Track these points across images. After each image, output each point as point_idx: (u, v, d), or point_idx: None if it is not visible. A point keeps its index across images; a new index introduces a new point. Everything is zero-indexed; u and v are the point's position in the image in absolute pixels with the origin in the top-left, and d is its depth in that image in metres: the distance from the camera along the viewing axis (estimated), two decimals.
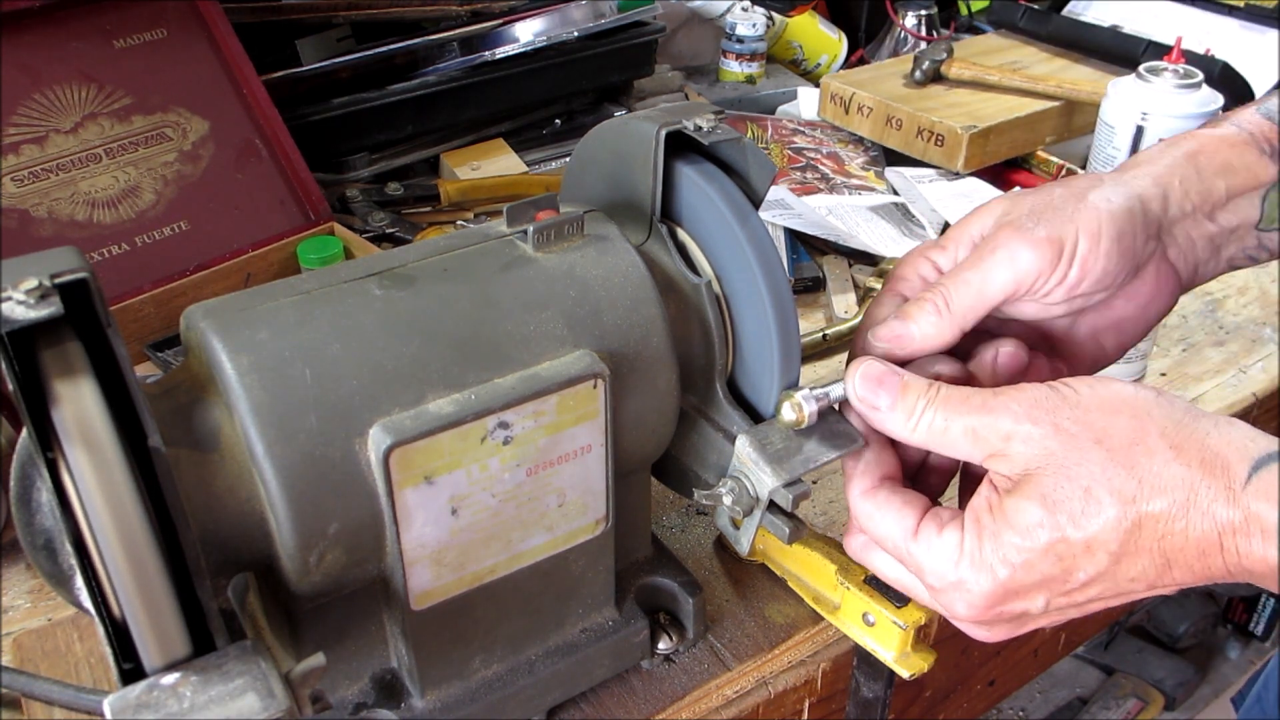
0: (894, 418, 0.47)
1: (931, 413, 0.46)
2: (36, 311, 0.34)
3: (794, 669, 0.60)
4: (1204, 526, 0.41)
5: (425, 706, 0.50)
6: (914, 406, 0.47)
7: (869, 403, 0.48)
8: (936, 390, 0.47)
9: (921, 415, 0.47)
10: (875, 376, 0.48)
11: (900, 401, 0.47)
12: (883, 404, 0.48)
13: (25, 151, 0.82)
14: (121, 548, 0.35)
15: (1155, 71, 0.74)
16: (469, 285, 0.48)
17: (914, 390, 0.47)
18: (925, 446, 0.47)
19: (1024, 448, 0.44)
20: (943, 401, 0.46)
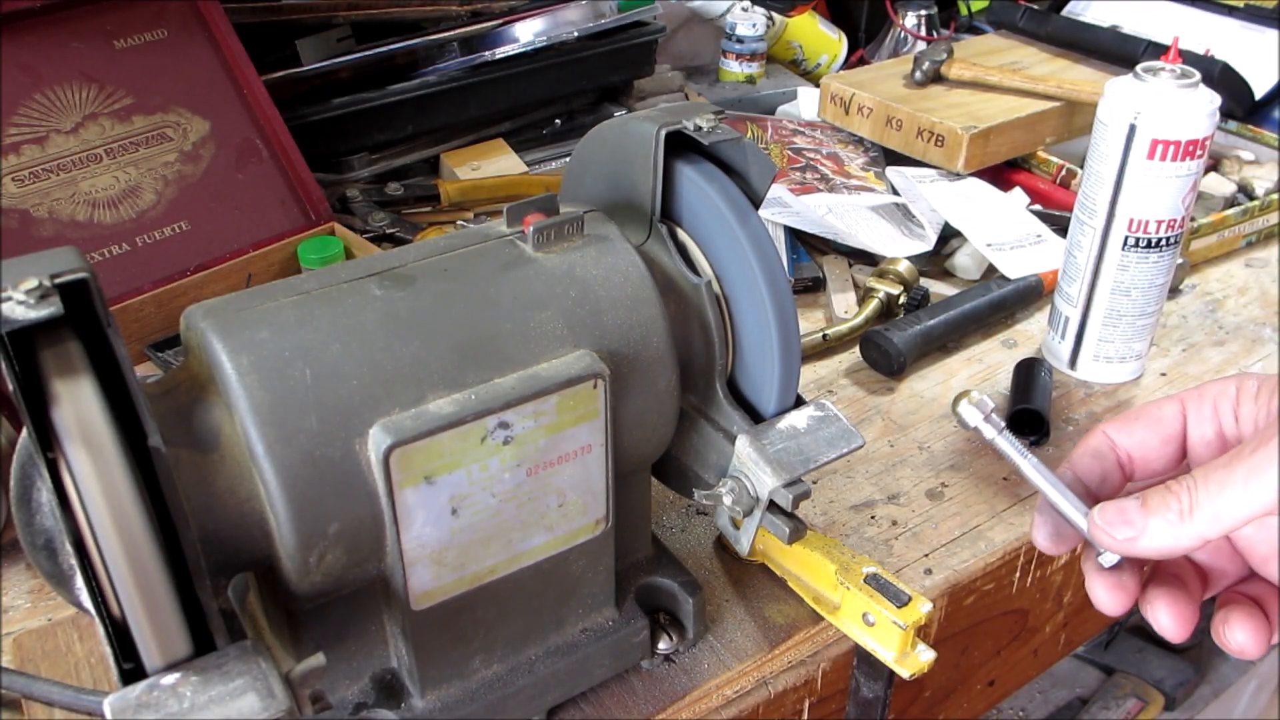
0: (1158, 524, 0.41)
1: (1197, 493, 0.40)
2: (36, 311, 0.34)
3: (794, 669, 0.60)
4: None
5: (425, 706, 0.50)
6: (1170, 503, 0.41)
7: (1119, 528, 0.42)
8: (1184, 478, 0.41)
9: (1188, 502, 0.40)
10: (1113, 507, 0.43)
11: (1155, 507, 0.41)
12: (1136, 519, 0.42)
13: (26, 151, 0.82)
14: (121, 548, 0.35)
15: (1152, 71, 0.75)
16: (469, 285, 0.48)
17: (1158, 494, 0.41)
18: (1207, 535, 0.40)
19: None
20: (1203, 475, 0.40)
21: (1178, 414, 0.46)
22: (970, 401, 0.46)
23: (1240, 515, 0.40)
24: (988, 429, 0.46)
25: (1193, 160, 0.74)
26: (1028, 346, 0.89)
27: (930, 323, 0.85)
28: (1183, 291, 0.97)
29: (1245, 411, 0.44)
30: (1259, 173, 1.09)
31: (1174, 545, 0.41)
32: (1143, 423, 0.46)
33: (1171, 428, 0.46)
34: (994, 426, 0.46)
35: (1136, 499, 0.42)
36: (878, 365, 0.84)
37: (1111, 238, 0.78)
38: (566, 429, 0.47)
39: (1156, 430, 0.46)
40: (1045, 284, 0.93)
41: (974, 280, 0.97)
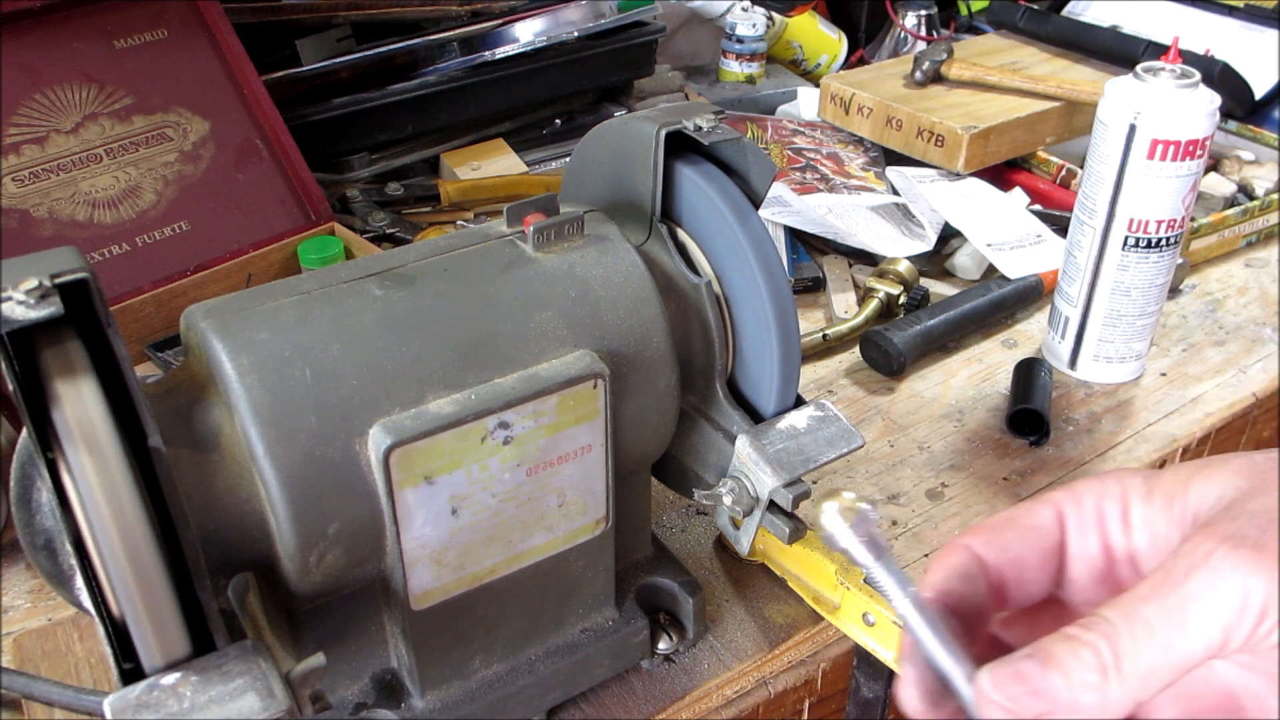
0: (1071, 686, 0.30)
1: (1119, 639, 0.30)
2: (37, 311, 0.34)
3: (794, 669, 0.60)
4: None
5: (425, 706, 0.50)
6: (1084, 656, 0.30)
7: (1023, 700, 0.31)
8: (1093, 619, 0.31)
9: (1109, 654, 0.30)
10: (1007, 672, 0.31)
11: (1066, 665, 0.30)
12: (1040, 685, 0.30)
13: (26, 151, 0.82)
14: (121, 548, 0.35)
15: (1152, 71, 0.75)
16: (469, 285, 0.48)
17: (1064, 645, 0.31)
18: (1141, 696, 0.30)
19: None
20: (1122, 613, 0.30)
21: (1055, 521, 0.35)
22: (842, 509, 0.34)
23: (1181, 666, 0.30)
24: (861, 553, 0.34)
25: (1193, 160, 0.74)
26: (1028, 346, 0.89)
27: (930, 323, 0.85)
28: (1183, 291, 0.97)
29: (1138, 516, 0.34)
30: (1259, 173, 1.09)
31: (1100, 710, 0.30)
32: (1017, 534, 0.35)
33: (1050, 539, 0.35)
34: (872, 550, 0.34)
35: (1031, 656, 0.31)
36: (878, 365, 0.84)
37: (1111, 238, 0.78)
38: (566, 429, 0.47)
39: (1033, 543, 0.35)
40: (1045, 284, 0.93)
41: (974, 280, 0.97)
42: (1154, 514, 0.33)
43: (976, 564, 0.35)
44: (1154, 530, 0.33)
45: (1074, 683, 0.30)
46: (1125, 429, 0.79)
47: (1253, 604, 0.29)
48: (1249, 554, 0.29)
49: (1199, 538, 0.30)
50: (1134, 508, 0.34)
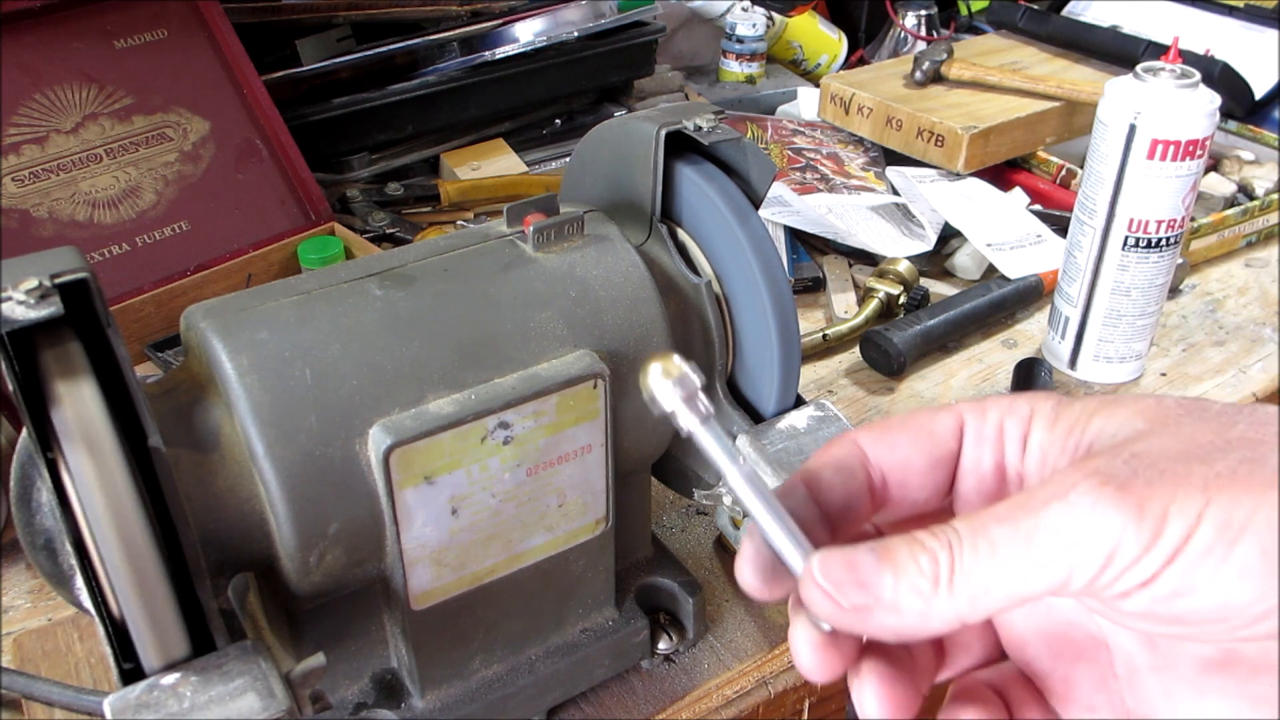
0: (901, 592, 0.29)
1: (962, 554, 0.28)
2: (37, 311, 0.34)
3: (794, 669, 0.60)
4: None
5: (425, 706, 0.50)
6: (922, 562, 0.29)
7: (847, 590, 0.29)
8: (943, 529, 0.29)
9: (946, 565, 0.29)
10: (839, 559, 0.30)
11: (901, 566, 0.29)
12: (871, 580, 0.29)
13: (26, 151, 0.82)
14: (121, 548, 0.35)
15: (1152, 71, 0.75)
16: (469, 285, 0.48)
17: (905, 546, 0.29)
18: (968, 618, 0.29)
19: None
20: (972, 529, 0.29)
21: (953, 430, 0.34)
22: (667, 374, 0.32)
23: (1016, 594, 0.28)
24: (686, 416, 0.32)
25: (1193, 160, 0.74)
26: (1028, 346, 0.89)
27: (930, 323, 0.85)
28: (1183, 291, 0.97)
29: (1036, 440, 0.32)
30: (1259, 173, 1.09)
31: (918, 627, 0.29)
32: (909, 435, 0.34)
33: (944, 447, 0.34)
34: (696, 413, 0.32)
35: (871, 550, 0.29)
36: (878, 365, 0.84)
37: (1111, 238, 0.78)
38: (566, 429, 0.47)
39: (925, 447, 0.33)
40: (1045, 284, 0.93)
41: (974, 280, 0.97)
42: (1053, 440, 0.32)
43: (858, 459, 0.34)
44: (1047, 456, 0.32)
45: (902, 585, 0.29)
46: None
47: (1102, 544, 0.27)
48: (1112, 493, 0.27)
49: (1070, 470, 0.29)
50: (1035, 431, 0.32)
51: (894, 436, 0.34)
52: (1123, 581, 0.28)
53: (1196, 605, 0.28)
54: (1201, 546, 0.27)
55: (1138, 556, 0.27)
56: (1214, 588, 0.27)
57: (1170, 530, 0.27)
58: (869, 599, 0.29)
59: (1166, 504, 0.27)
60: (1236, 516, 0.27)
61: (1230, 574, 0.27)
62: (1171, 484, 0.27)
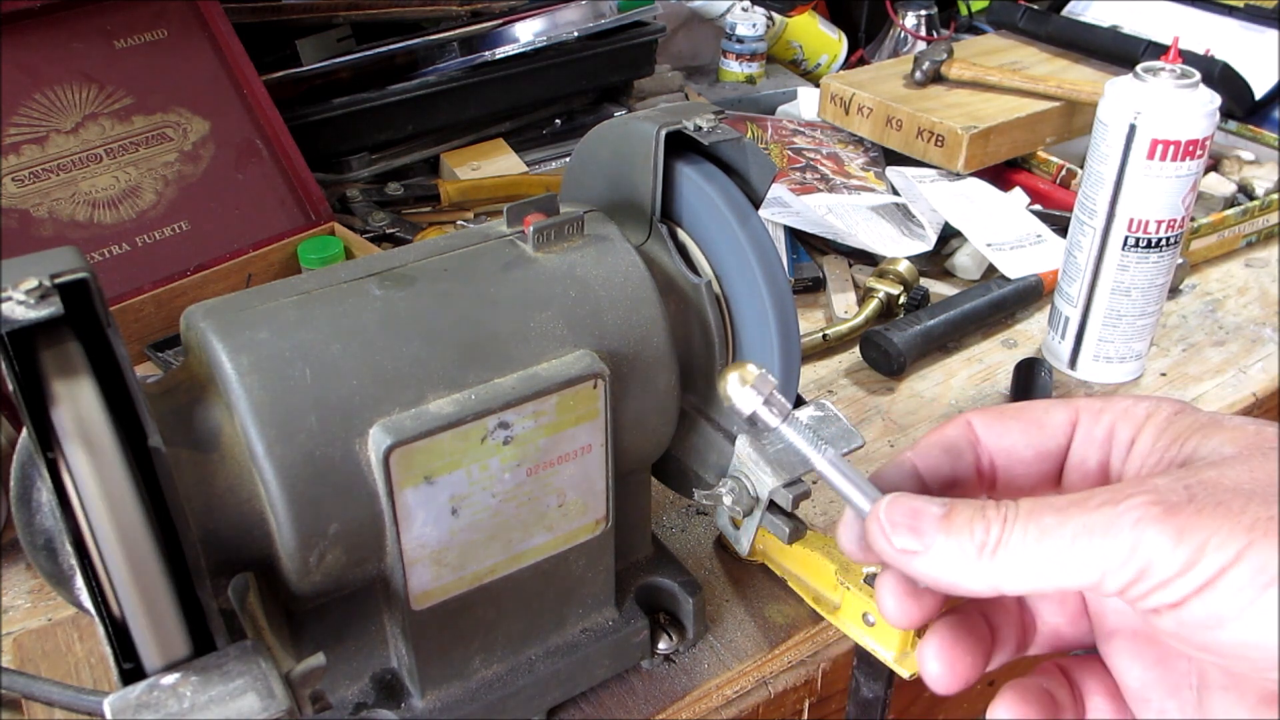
0: (948, 549, 0.31)
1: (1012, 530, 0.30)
2: (36, 311, 0.34)
3: (794, 669, 0.60)
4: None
5: (425, 706, 0.50)
6: (973, 527, 0.31)
7: (901, 534, 0.32)
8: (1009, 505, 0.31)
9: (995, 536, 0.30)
10: (906, 504, 0.32)
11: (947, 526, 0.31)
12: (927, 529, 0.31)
13: (26, 151, 0.82)
14: (121, 548, 0.35)
15: (1152, 71, 0.75)
16: (469, 285, 0.48)
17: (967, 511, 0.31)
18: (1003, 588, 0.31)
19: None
20: (1029, 511, 0.30)
21: (1066, 425, 0.35)
22: (745, 380, 0.35)
23: (1051, 581, 0.30)
24: (770, 415, 0.35)
25: (1193, 160, 0.74)
26: (1028, 346, 0.89)
27: (930, 323, 0.85)
28: (1183, 291, 0.97)
29: (1141, 447, 0.33)
30: (1259, 173, 1.09)
31: (957, 583, 0.31)
32: (1021, 425, 0.35)
33: (1054, 440, 0.35)
34: (776, 413, 0.35)
35: (941, 505, 0.32)
36: (878, 365, 0.84)
37: (1111, 238, 0.78)
38: (566, 429, 0.47)
39: (1035, 437, 0.35)
40: (1045, 284, 0.93)
41: (974, 280, 0.97)
42: (1154, 449, 0.33)
43: (968, 440, 0.35)
44: (1145, 463, 0.33)
45: (951, 543, 0.31)
46: None
47: (1136, 559, 0.28)
48: (1158, 513, 0.28)
49: (1134, 481, 0.30)
50: (1143, 436, 0.33)
51: (1006, 424, 0.35)
52: (1153, 599, 0.29)
53: (1224, 639, 0.28)
54: (1235, 585, 0.27)
55: (1169, 579, 0.28)
56: (1241, 627, 0.28)
57: (1206, 561, 0.28)
58: (918, 545, 0.31)
59: (1208, 536, 0.28)
60: (1273, 565, 0.27)
61: (1258, 618, 0.27)
62: (1220, 517, 0.28)
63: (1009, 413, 0.35)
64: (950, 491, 0.35)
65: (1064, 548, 0.29)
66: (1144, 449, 0.33)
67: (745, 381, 0.35)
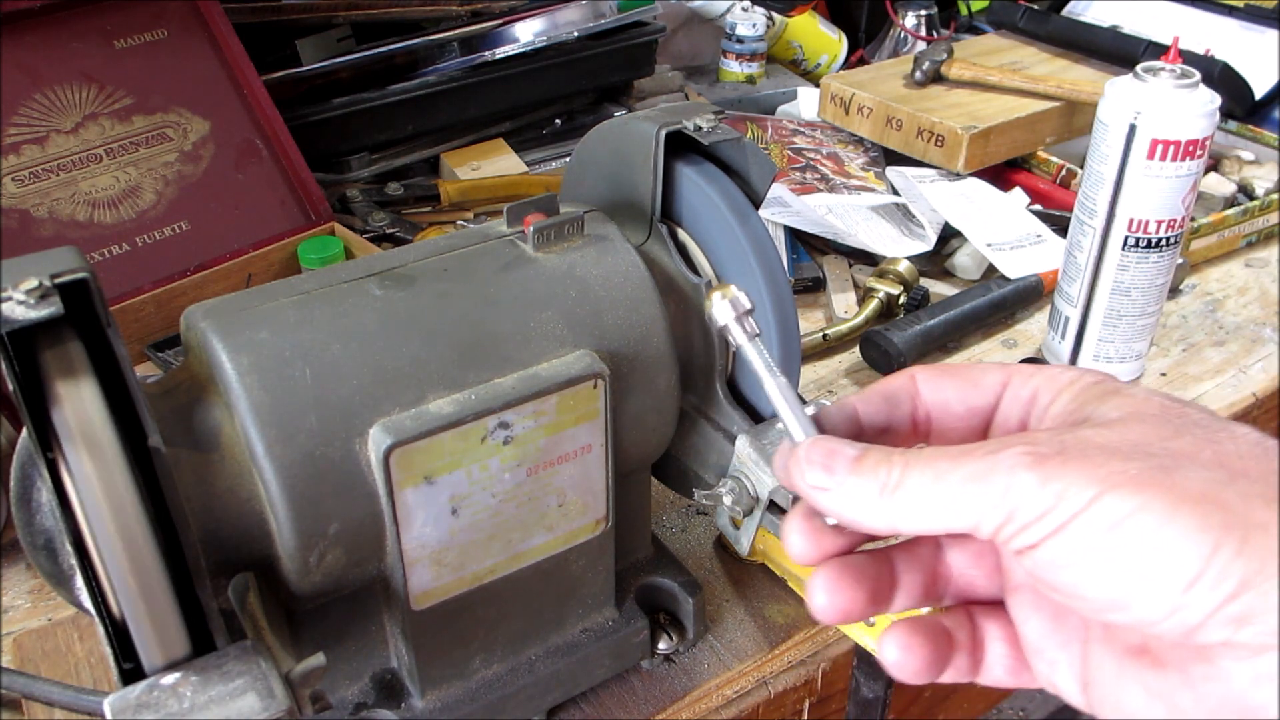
0: (854, 487, 0.34)
1: (910, 473, 0.33)
2: (37, 311, 0.34)
3: (794, 669, 0.60)
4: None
5: (425, 706, 0.50)
6: (878, 469, 0.33)
7: (814, 471, 0.34)
8: (910, 452, 0.34)
9: (896, 478, 0.33)
10: (825, 445, 0.35)
11: (857, 467, 0.34)
12: (839, 469, 0.34)
13: (26, 151, 0.82)
14: (121, 548, 0.35)
15: (1152, 71, 0.75)
16: (469, 285, 0.48)
17: (877, 454, 0.34)
18: (899, 526, 0.34)
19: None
20: (929, 457, 0.33)
21: (999, 385, 0.37)
22: (725, 296, 0.39)
23: (940, 522, 0.32)
24: (738, 331, 0.39)
25: (1193, 160, 0.74)
26: (1028, 346, 0.89)
27: (930, 323, 0.85)
28: (1183, 291, 0.97)
29: (1055, 410, 0.35)
30: (1259, 173, 1.09)
31: (859, 519, 0.34)
32: (957, 382, 0.37)
33: (985, 398, 0.37)
34: (745, 331, 0.39)
35: (856, 449, 0.34)
36: (878, 365, 0.84)
37: (1111, 238, 0.78)
38: (566, 429, 0.47)
39: (968, 394, 0.37)
40: (1045, 284, 0.93)
41: (974, 280, 0.97)
42: (1065, 413, 0.34)
43: (908, 391, 0.38)
44: (1054, 425, 0.35)
45: (858, 482, 0.34)
46: None
47: (1005, 502, 0.30)
48: (1029, 460, 0.30)
49: (1019, 435, 0.33)
50: (1059, 400, 0.35)
51: (945, 380, 0.38)
52: (1016, 541, 0.31)
53: (1064, 580, 0.31)
54: (1081, 529, 0.29)
55: (1030, 522, 0.30)
56: (1078, 571, 0.30)
57: (1062, 506, 0.30)
58: (829, 482, 0.34)
59: (1067, 484, 0.30)
60: (1117, 512, 0.29)
61: (1093, 562, 0.30)
62: (1081, 468, 0.30)
63: (949, 370, 0.38)
64: (884, 437, 0.38)
65: (952, 491, 0.32)
66: (1055, 410, 0.35)
67: (725, 296, 0.39)
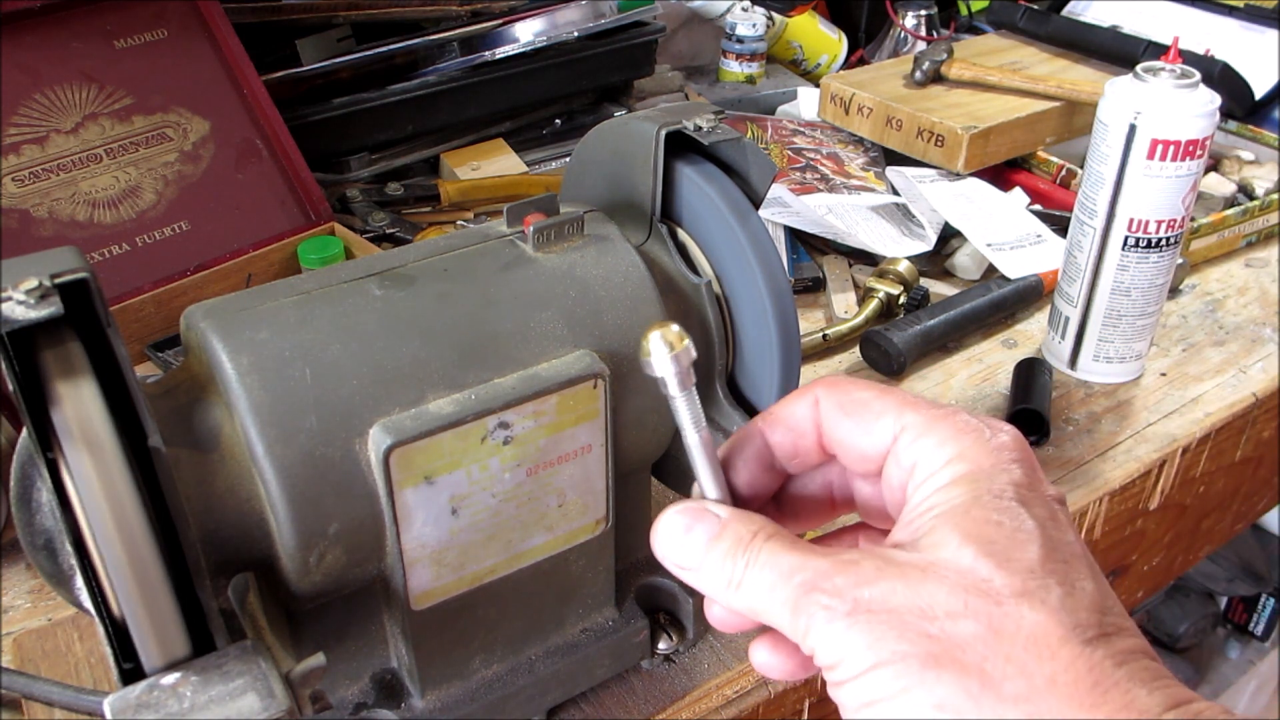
0: (710, 574, 0.35)
1: (751, 573, 0.34)
2: (37, 311, 0.34)
3: None
4: None
5: (425, 706, 0.50)
6: (727, 560, 0.34)
7: (679, 553, 0.36)
8: (753, 546, 0.34)
9: (740, 572, 0.34)
10: (686, 523, 0.36)
11: (713, 549, 0.35)
12: (697, 547, 0.35)
13: (26, 151, 0.82)
14: (121, 548, 0.35)
15: (1152, 71, 0.75)
16: (469, 285, 0.48)
17: (730, 539, 0.35)
18: (755, 617, 0.34)
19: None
20: (765, 557, 0.34)
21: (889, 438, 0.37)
22: (665, 339, 0.36)
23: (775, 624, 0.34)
24: (673, 382, 0.36)
25: (1193, 160, 0.74)
26: (1028, 346, 0.89)
27: (930, 323, 0.85)
28: (1183, 291, 0.97)
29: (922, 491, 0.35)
30: (1259, 173, 1.09)
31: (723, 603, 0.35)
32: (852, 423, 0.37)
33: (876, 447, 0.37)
34: (682, 383, 0.37)
35: (713, 527, 0.35)
36: (878, 365, 0.84)
37: (1111, 238, 0.78)
38: (566, 429, 0.47)
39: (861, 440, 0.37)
40: (1045, 284, 0.93)
41: (974, 280, 0.97)
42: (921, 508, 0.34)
43: (813, 422, 0.38)
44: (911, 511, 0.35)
45: (711, 572, 0.35)
46: (1125, 429, 0.79)
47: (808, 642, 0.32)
48: (826, 617, 0.32)
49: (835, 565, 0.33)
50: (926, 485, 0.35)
51: (841, 419, 0.38)
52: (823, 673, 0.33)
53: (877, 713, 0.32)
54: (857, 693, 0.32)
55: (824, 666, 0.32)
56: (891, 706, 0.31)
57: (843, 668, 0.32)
58: (689, 566, 0.35)
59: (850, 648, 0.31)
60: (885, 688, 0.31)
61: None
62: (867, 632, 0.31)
63: (848, 406, 0.37)
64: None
65: (776, 609, 0.33)
66: (920, 499, 0.35)
67: (674, 349, 0.36)
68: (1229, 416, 0.81)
